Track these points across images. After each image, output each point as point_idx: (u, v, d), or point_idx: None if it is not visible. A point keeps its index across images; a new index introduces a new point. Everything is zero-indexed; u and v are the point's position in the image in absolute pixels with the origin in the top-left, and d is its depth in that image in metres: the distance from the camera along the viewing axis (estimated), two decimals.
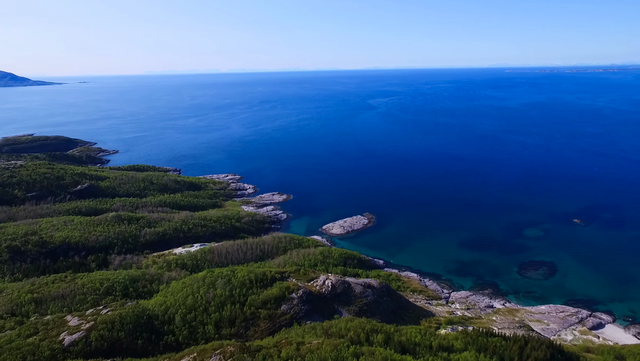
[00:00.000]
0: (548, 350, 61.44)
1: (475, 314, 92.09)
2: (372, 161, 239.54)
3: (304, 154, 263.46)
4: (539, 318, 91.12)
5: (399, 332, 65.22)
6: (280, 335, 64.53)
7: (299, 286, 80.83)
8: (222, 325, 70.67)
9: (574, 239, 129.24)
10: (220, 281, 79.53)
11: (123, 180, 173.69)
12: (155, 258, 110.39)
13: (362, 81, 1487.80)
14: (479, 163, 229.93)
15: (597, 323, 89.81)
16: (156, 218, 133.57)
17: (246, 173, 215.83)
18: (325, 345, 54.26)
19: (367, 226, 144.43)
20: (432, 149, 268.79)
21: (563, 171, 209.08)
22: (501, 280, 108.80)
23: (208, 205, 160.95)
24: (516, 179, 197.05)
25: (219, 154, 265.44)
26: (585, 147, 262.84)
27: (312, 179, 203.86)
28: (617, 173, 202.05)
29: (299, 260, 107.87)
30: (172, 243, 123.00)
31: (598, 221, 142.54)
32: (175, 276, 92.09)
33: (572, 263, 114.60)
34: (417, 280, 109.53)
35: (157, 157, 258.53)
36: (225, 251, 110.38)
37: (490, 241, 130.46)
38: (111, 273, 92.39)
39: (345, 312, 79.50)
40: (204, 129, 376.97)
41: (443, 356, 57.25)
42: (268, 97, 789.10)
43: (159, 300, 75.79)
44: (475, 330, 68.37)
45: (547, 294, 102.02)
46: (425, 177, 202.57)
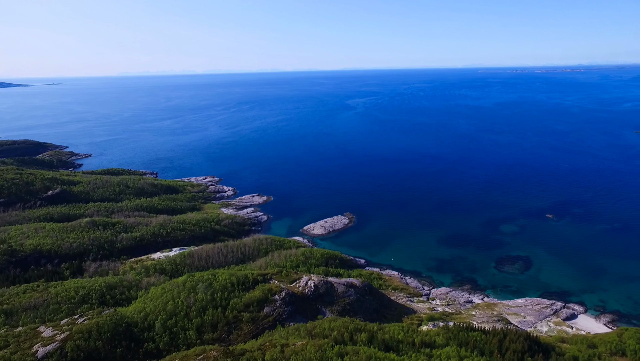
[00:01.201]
0: (525, 342, 63.28)
1: (456, 309, 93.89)
2: (352, 161, 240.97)
3: (284, 155, 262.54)
4: (516, 311, 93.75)
5: (382, 330, 65.78)
6: (264, 338, 64.01)
7: (281, 288, 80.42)
8: (204, 330, 69.52)
9: (547, 234, 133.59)
10: (201, 286, 78.23)
11: (97, 184, 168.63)
12: (133, 263, 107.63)
13: (340, 82, 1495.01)
14: (455, 162, 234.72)
15: (571, 313, 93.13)
16: (133, 223, 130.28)
17: (225, 175, 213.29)
18: (309, 345, 54.16)
19: (348, 226, 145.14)
20: (410, 149, 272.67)
21: (536, 168, 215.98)
22: (479, 275, 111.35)
23: (186, 208, 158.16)
24: (492, 176, 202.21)
25: (196, 157, 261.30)
26: (555, 145, 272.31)
27: (292, 180, 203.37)
28: (586, 169, 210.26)
29: (280, 262, 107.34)
30: (150, 248, 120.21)
31: (569, 215, 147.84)
32: (154, 281, 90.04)
33: (546, 257, 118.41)
34: (398, 278, 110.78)
35: (132, 160, 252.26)
36: (205, 255, 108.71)
37: (468, 237, 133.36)
38: (86, 280, 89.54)
39: (329, 312, 79.61)
40: (181, 131, 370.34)
41: (426, 352, 58.10)
42: (246, 98, 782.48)
43: (137, 307, 73.89)
44: (456, 325, 69.70)
45: (523, 287, 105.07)
46: (404, 177, 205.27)
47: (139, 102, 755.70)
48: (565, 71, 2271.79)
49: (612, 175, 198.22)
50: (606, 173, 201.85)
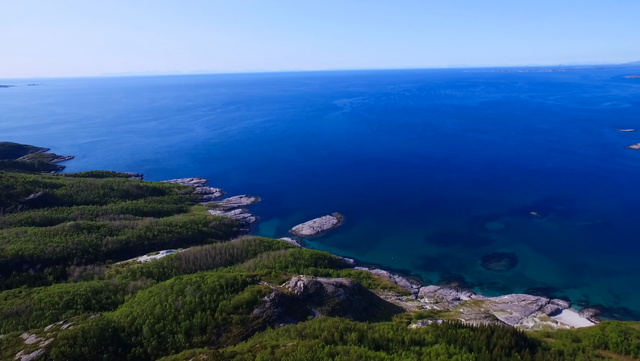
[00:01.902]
0: (512, 338, 64.36)
1: (444, 307, 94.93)
2: (339, 161, 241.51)
3: (271, 155, 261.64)
4: (503, 307, 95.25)
5: (372, 329, 66.10)
6: (254, 340, 63.67)
7: (270, 289, 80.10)
8: (192, 333, 68.79)
9: (532, 231, 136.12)
10: (189, 288, 77.39)
11: (81, 187, 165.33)
12: (119, 267, 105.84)
13: (326, 82, 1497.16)
14: (441, 161, 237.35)
15: (555, 309, 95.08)
16: (118, 226, 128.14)
17: (212, 176, 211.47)
18: (300, 346, 54.08)
19: (336, 226, 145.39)
20: (396, 148, 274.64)
21: (520, 166, 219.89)
22: (466, 273, 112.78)
23: (173, 210, 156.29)
24: (477, 175, 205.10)
25: (182, 158, 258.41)
26: (538, 143, 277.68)
27: (280, 181, 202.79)
28: (568, 167, 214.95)
29: (269, 263, 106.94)
30: (137, 251, 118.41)
31: (553, 213, 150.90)
32: (141, 285, 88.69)
33: (531, 254, 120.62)
34: (387, 277, 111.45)
35: (116, 162, 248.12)
36: (193, 257, 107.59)
37: (455, 235, 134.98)
38: (71, 285, 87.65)
39: (318, 312, 79.61)
40: (166, 132, 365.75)
41: (415, 350, 58.60)
42: (232, 98, 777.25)
43: (124, 311, 72.72)
44: (445, 323, 70.47)
45: (509, 284, 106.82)
46: (391, 176, 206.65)
47: (122, 103, 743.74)
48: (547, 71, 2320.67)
49: (593, 172, 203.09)
50: (587, 171, 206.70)
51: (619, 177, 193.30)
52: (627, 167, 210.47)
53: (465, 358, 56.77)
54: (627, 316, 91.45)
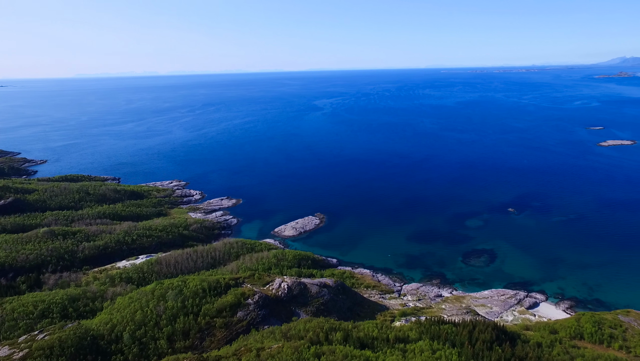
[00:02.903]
0: (493, 332, 65.82)
1: (426, 304, 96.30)
2: (321, 162, 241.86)
3: (252, 157, 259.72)
4: (483, 302, 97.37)
5: (356, 328, 66.43)
6: (239, 343, 63.01)
7: (254, 291, 79.47)
8: (175, 338, 67.56)
9: (509, 227, 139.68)
10: (171, 293, 75.98)
11: (54, 192, 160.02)
12: (97, 273, 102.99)
13: (306, 82, 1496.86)
14: (421, 160, 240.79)
15: (533, 302, 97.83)
16: (95, 231, 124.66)
17: (192, 179, 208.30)
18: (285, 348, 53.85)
19: (319, 226, 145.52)
20: (377, 148, 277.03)
21: (497, 164, 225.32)
22: (448, 270, 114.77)
23: (152, 214, 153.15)
24: (456, 173, 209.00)
25: (161, 161, 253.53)
26: (514, 142, 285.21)
27: (262, 182, 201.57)
28: (543, 164, 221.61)
29: (252, 265, 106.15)
30: (115, 256, 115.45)
31: (529, 209, 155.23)
32: (121, 291, 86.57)
33: (509, 249, 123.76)
34: (370, 276, 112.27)
35: (92, 166, 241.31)
36: (174, 261, 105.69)
37: (436, 233, 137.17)
38: (46, 293, 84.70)
39: (303, 313, 79.48)
40: (144, 134, 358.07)
41: (400, 348, 59.23)
42: (211, 99, 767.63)
43: (103, 318, 70.76)
44: (428, 320, 71.46)
45: (489, 279, 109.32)
46: (372, 176, 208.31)
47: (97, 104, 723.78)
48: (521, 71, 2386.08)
49: (566, 169, 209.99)
50: (561, 168, 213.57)
51: (590, 174, 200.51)
52: (598, 164, 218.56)
53: (449, 354, 57.73)
54: (600, 307, 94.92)
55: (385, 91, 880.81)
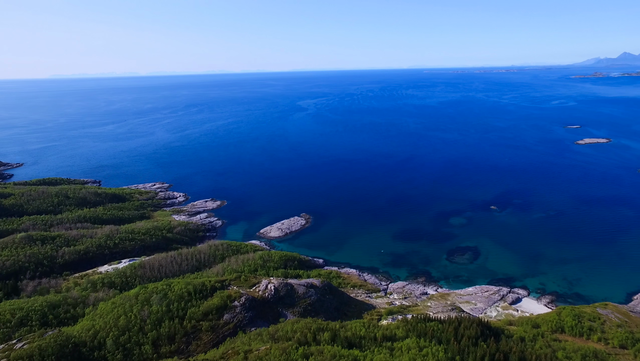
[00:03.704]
0: (478, 328, 66.98)
1: (412, 302, 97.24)
2: (306, 162, 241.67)
3: (236, 158, 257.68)
4: (468, 299, 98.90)
5: (344, 328, 66.61)
6: (226, 346, 62.40)
7: (240, 293, 78.84)
8: (160, 343, 66.45)
9: (492, 224, 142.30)
10: (155, 297, 74.70)
11: (32, 196, 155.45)
12: (77, 279, 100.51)
13: (290, 83, 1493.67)
14: (405, 159, 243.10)
15: (516, 298, 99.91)
16: (75, 235, 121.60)
17: (175, 181, 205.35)
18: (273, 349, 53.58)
19: (304, 227, 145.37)
20: (362, 148, 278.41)
21: (479, 162, 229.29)
22: (433, 268, 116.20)
23: (135, 217, 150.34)
24: (440, 172, 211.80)
25: (143, 163, 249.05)
26: (495, 141, 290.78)
27: (246, 183, 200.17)
28: (523, 163, 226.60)
29: (238, 267, 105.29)
30: (97, 261, 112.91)
31: (510, 206, 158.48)
32: (103, 296, 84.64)
33: (492, 246, 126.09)
34: (357, 275, 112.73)
35: (71, 169, 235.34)
36: (158, 265, 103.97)
37: (421, 232, 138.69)
38: (24, 301, 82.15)
39: (290, 314, 79.24)
40: (124, 136, 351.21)
41: (387, 346, 59.64)
42: (193, 100, 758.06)
43: (85, 325, 69.10)
44: (414, 317, 72.21)
45: (473, 276, 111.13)
46: (357, 175, 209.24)
47: (76, 106, 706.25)
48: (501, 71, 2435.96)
49: (546, 167, 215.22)
50: (541, 166, 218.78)
51: (568, 171, 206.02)
52: (576, 162, 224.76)
53: (435, 351, 58.44)
54: (579, 300, 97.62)
55: (369, 91, 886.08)
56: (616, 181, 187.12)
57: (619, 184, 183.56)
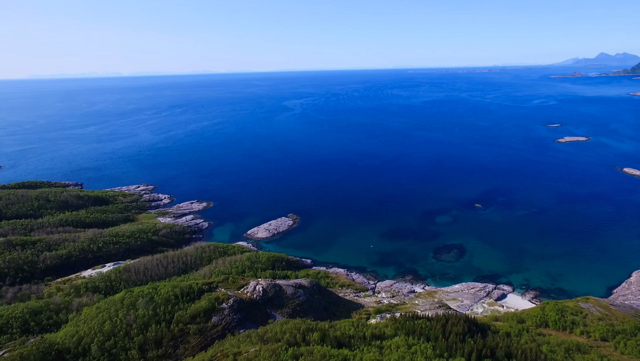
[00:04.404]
0: (465, 324, 67.89)
1: (400, 300, 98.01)
2: (292, 162, 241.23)
3: (222, 159, 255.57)
4: (454, 296, 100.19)
5: (333, 328, 66.72)
6: (214, 349, 61.79)
7: (228, 295, 78.20)
8: (147, 348, 65.42)
9: (477, 222, 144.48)
10: (141, 301, 73.51)
11: (11, 200, 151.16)
12: (60, 284, 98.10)
13: (275, 83, 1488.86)
14: (391, 159, 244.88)
15: (501, 294, 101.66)
16: (57, 240, 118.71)
17: (160, 183, 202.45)
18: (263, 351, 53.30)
19: (292, 227, 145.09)
20: (347, 148, 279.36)
21: (463, 161, 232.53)
22: (420, 266, 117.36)
23: (119, 220, 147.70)
24: (425, 171, 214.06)
25: (127, 165, 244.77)
26: (479, 139, 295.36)
27: (233, 184, 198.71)
28: (506, 161, 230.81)
29: (225, 268, 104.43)
30: (80, 265, 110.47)
31: (495, 204, 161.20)
32: (87, 301, 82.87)
33: (477, 244, 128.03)
34: (345, 275, 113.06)
35: (52, 171, 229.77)
36: (143, 268, 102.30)
37: (408, 230, 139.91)
38: (4, 308, 79.77)
39: (279, 315, 78.97)
40: (107, 137, 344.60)
41: (377, 345, 59.97)
42: (178, 101, 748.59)
43: (69, 331, 67.55)
44: (402, 316, 72.77)
45: (459, 274, 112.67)
46: (343, 175, 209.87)
47: (56, 107, 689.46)
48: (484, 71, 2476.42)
49: (528, 165, 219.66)
50: (523, 164, 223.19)
51: (550, 169, 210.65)
52: (557, 160, 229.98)
53: (424, 348, 59.02)
54: (562, 295, 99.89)
55: (355, 91, 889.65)
56: (596, 178, 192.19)
57: (598, 181, 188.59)
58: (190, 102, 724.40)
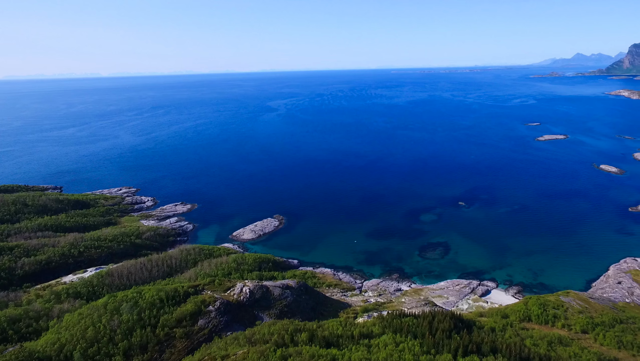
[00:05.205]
0: (451, 321, 68.82)
1: (387, 299, 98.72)
2: (277, 163, 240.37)
3: (206, 160, 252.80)
4: (440, 293, 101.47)
5: (321, 328, 66.72)
6: (201, 352, 61.05)
7: (215, 298, 77.38)
8: (132, 353, 64.17)
9: (460, 220, 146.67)
10: (125, 306, 72.07)
11: None
12: (40, 290, 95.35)
13: (259, 83, 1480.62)
14: (376, 158, 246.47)
15: (485, 290, 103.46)
16: (36, 245, 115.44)
17: (143, 185, 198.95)
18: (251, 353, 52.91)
19: (278, 228, 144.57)
20: (332, 148, 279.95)
21: (447, 160, 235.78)
22: (405, 264, 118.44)
23: (101, 224, 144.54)
24: (409, 170, 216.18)
25: (108, 167, 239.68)
26: (462, 138, 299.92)
27: (217, 186, 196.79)
28: (488, 159, 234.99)
29: (211, 271, 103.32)
30: (60, 271, 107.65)
31: (478, 202, 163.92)
32: (69, 308, 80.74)
33: (461, 241, 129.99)
34: (331, 274, 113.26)
35: (29, 175, 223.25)
36: (127, 272, 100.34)
37: (393, 229, 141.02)
38: None
39: (267, 316, 78.57)
40: (87, 139, 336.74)
41: (365, 343, 60.26)
42: (160, 102, 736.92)
43: (50, 339, 65.71)
44: (390, 314, 73.31)
45: (444, 271, 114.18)
46: (329, 175, 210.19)
47: (32, 109, 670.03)
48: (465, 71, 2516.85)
49: (509, 163, 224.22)
50: (505, 162, 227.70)
51: (530, 167, 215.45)
52: (537, 158, 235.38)
53: (411, 345, 59.58)
54: (544, 290, 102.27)
55: (339, 92, 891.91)
56: (574, 175, 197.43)
57: (577, 178, 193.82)
58: (172, 103, 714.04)
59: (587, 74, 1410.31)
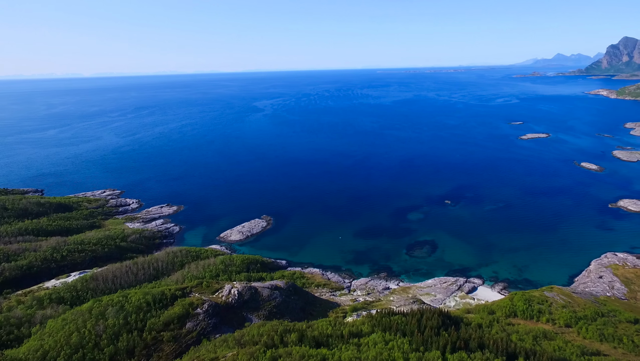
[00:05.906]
0: (439, 318, 69.51)
1: (376, 297, 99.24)
2: (264, 163, 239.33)
3: (192, 161, 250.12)
4: (428, 291, 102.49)
5: (311, 328, 66.67)
6: (190, 355, 60.35)
7: (203, 300, 76.59)
8: (119, 358, 63.01)
9: (447, 218, 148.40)
10: (111, 310, 70.76)
11: None
12: (21, 296, 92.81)
13: (245, 84, 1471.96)
14: (363, 158, 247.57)
15: (472, 287, 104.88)
16: (16, 250, 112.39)
17: (127, 187, 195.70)
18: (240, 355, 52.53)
19: (266, 229, 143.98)
20: (319, 148, 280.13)
21: (433, 159, 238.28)
22: (393, 263, 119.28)
23: (84, 227, 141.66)
24: (396, 169, 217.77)
25: (91, 169, 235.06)
26: (447, 137, 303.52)
27: (204, 187, 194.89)
28: (473, 158, 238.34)
29: (199, 273, 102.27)
30: (42, 276, 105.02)
31: (464, 200, 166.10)
32: (52, 313, 78.84)
33: (448, 239, 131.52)
34: (320, 274, 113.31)
35: (8, 178, 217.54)
36: (112, 276, 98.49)
37: (381, 228, 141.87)
38: None
39: (256, 318, 78.12)
40: (68, 141, 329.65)
41: (354, 342, 60.43)
42: (144, 103, 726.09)
43: (32, 346, 64.06)
44: (378, 312, 73.66)
45: (432, 269, 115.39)
46: (316, 175, 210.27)
47: (10, 110, 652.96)
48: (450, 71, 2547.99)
49: (494, 162, 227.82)
50: (489, 160, 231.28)
51: (514, 165, 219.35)
52: (521, 156, 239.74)
53: (400, 343, 60.00)
54: (529, 285, 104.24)
55: (325, 91, 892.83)
56: (556, 173, 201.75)
57: (559, 175, 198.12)
58: (157, 103, 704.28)
59: (568, 74, 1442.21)
